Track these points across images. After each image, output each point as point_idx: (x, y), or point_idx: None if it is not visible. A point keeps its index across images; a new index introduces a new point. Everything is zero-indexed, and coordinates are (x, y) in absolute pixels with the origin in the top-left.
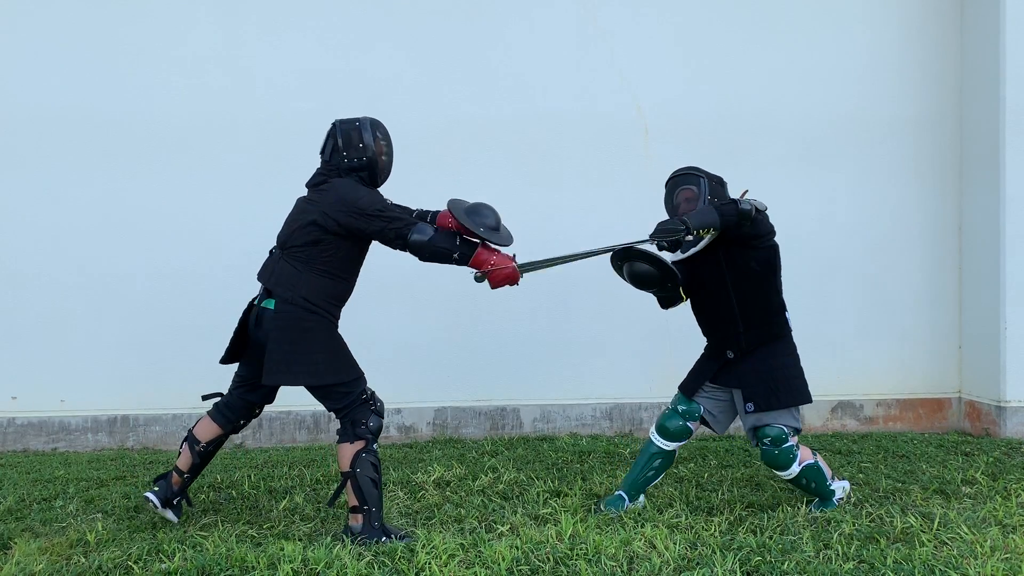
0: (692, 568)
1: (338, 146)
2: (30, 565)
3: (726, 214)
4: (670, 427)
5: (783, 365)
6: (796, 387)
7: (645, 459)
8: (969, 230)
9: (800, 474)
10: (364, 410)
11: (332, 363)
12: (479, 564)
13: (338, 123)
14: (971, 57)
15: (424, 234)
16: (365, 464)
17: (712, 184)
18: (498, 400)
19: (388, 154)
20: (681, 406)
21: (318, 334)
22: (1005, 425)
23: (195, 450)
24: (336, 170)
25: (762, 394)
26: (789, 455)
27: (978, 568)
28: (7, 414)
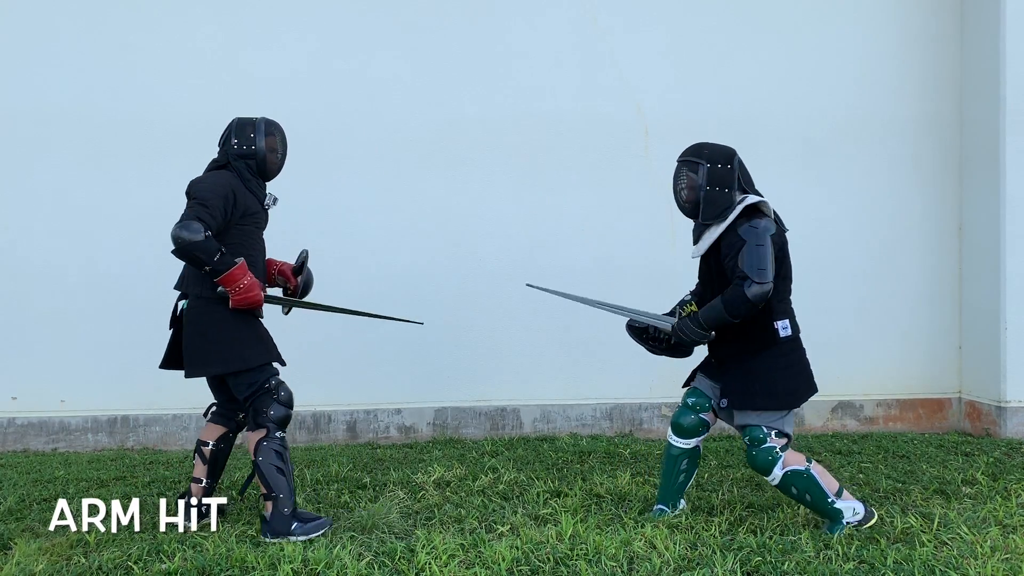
0: (692, 568)
1: (231, 136)
2: (30, 565)
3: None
4: (684, 423)
5: (767, 369)
6: (774, 391)
7: (670, 463)
8: (969, 230)
9: (785, 481)
10: (266, 399)
11: (240, 350)
12: (479, 564)
13: (236, 119)
14: (971, 57)
15: (193, 233)
16: (267, 452)
17: (714, 170)
18: (498, 400)
19: (279, 152)
20: (690, 399)
21: (227, 323)
22: (1005, 425)
23: (204, 452)
24: (226, 155)
25: (737, 392)
26: (768, 457)
27: (978, 568)
28: (7, 414)
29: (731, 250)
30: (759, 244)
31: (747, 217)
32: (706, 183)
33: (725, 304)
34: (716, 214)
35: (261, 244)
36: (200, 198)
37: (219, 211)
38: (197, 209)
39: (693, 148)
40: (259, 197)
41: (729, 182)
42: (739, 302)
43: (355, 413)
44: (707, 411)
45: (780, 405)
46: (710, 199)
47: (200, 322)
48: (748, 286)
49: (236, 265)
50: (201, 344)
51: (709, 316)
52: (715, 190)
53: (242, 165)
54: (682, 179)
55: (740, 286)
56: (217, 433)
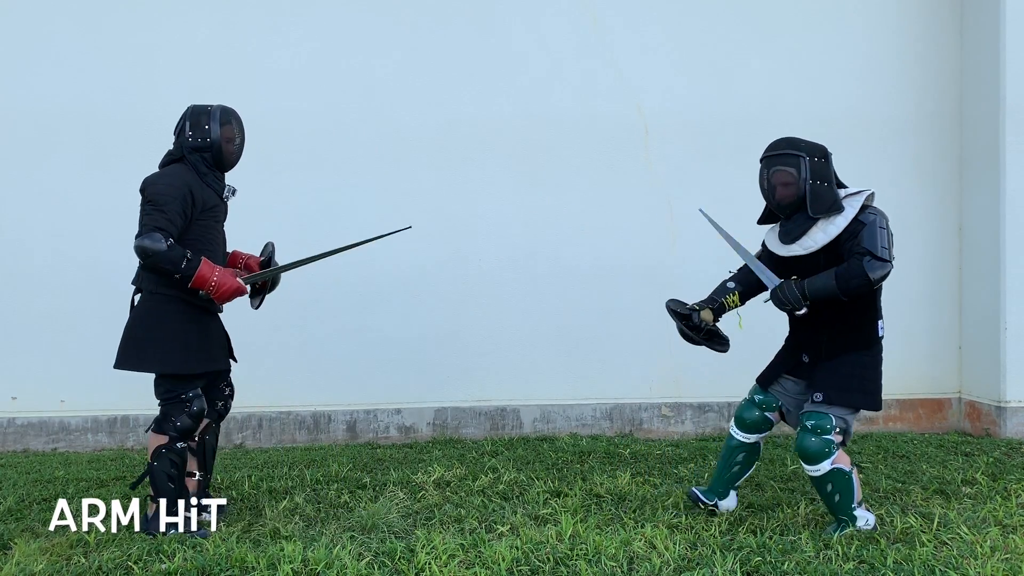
0: (692, 568)
1: (185, 126)
2: (30, 565)
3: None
4: (747, 418)
5: (863, 367)
6: (868, 390)
7: (727, 454)
8: (969, 230)
9: (828, 475)
10: (176, 408)
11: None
12: (479, 564)
13: (191, 108)
14: (971, 57)
15: (156, 243)
16: (164, 460)
17: (814, 163)
18: (498, 400)
19: (236, 142)
20: (758, 396)
21: (174, 322)
22: (1005, 425)
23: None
24: (180, 148)
25: (835, 387)
26: (824, 448)
27: (978, 568)
28: (7, 414)
29: (850, 236)
30: (881, 227)
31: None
32: (810, 176)
33: (838, 277)
34: (825, 208)
35: (221, 237)
36: (156, 202)
37: (177, 214)
38: (155, 217)
39: (786, 142)
40: (217, 190)
41: (829, 176)
42: (856, 276)
43: (355, 413)
44: (773, 411)
45: (873, 405)
46: (817, 193)
47: (147, 316)
48: (868, 262)
49: (199, 266)
50: (142, 339)
51: (816, 287)
52: (819, 184)
53: (197, 158)
54: (776, 175)
55: (859, 261)
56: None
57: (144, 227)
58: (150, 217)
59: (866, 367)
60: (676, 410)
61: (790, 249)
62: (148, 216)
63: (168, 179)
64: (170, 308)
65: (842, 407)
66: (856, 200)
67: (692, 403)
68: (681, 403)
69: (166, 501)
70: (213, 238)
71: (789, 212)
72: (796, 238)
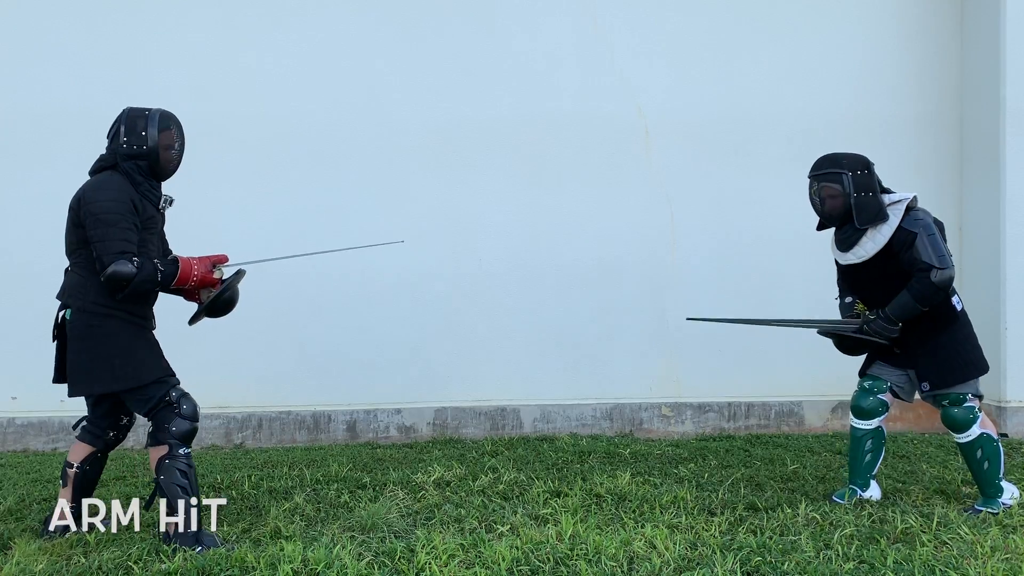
0: (692, 568)
1: (120, 132)
2: (30, 565)
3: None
4: (864, 405)
5: (954, 342)
6: (969, 360)
7: (855, 445)
8: (969, 230)
9: (978, 441)
10: (167, 414)
11: (128, 366)
12: (479, 564)
13: (127, 110)
14: (971, 57)
15: (125, 267)
16: (170, 471)
17: (857, 177)
18: (498, 400)
19: (176, 149)
20: (867, 382)
21: (115, 338)
22: (1005, 425)
23: (68, 474)
24: (114, 155)
25: (936, 372)
26: (969, 415)
27: (978, 568)
28: (7, 414)
29: (902, 246)
30: (930, 234)
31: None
32: (853, 190)
33: (915, 296)
34: (871, 218)
35: (156, 249)
36: (106, 221)
37: (131, 228)
38: (112, 241)
39: (829, 160)
40: (153, 200)
41: (873, 186)
42: (929, 291)
43: (355, 413)
44: (884, 392)
45: (978, 371)
46: (863, 205)
47: (85, 337)
48: (934, 275)
49: (178, 267)
50: (87, 361)
51: (900, 310)
52: (863, 195)
53: (132, 166)
54: (822, 190)
55: (926, 276)
56: (84, 453)
57: (106, 255)
58: (107, 243)
59: (957, 342)
60: (676, 410)
61: (846, 257)
62: (104, 242)
63: (108, 192)
64: (111, 323)
65: (950, 387)
66: (899, 208)
67: (692, 403)
68: (681, 403)
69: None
70: (147, 252)
71: (840, 223)
72: (850, 247)
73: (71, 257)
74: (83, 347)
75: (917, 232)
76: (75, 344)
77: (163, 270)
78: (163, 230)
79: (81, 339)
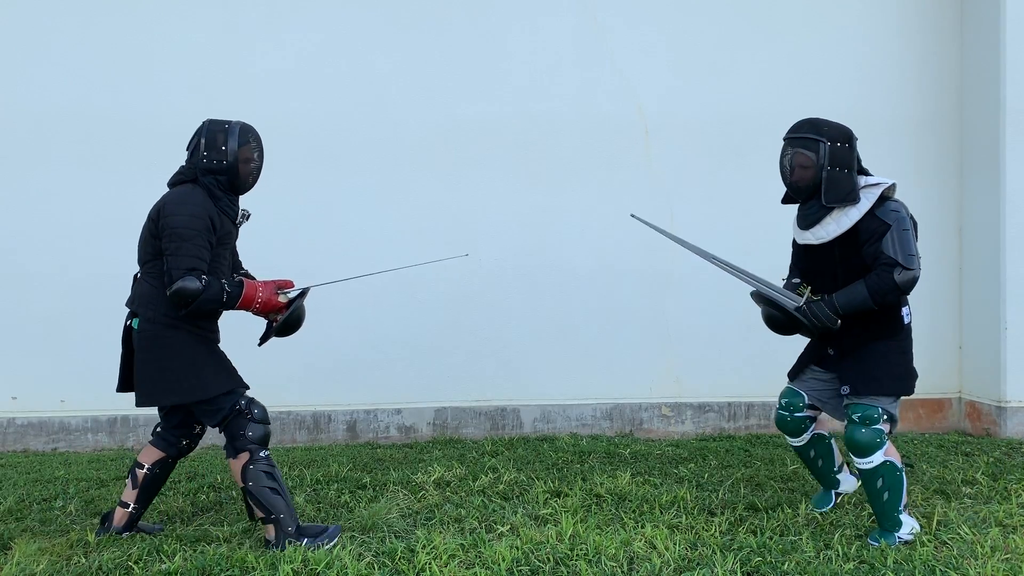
0: (692, 568)
1: (200, 145)
2: (30, 565)
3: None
4: (784, 427)
5: (887, 353)
6: (896, 374)
7: (802, 458)
8: (969, 230)
9: (880, 469)
10: (240, 422)
11: (197, 380)
12: (479, 564)
13: (207, 122)
14: (971, 57)
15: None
16: (256, 475)
17: (835, 148)
18: (498, 400)
19: (255, 162)
20: (784, 399)
21: (181, 350)
22: (1005, 425)
23: (137, 475)
24: (193, 168)
25: (860, 379)
26: (876, 438)
27: (978, 568)
28: (7, 414)
29: (871, 235)
30: (904, 229)
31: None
32: (828, 162)
33: (870, 289)
34: (841, 197)
35: (227, 263)
36: (182, 236)
37: (205, 248)
38: (184, 257)
39: (809, 123)
40: (231, 215)
41: (850, 163)
42: (887, 289)
43: (355, 413)
44: (802, 410)
45: (905, 389)
46: (833, 180)
47: (153, 348)
48: (898, 272)
49: (243, 292)
50: (155, 372)
51: (848, 302)
52: (836, 170)
53: (211, 181)
54: (795, 157)
55: (889, 272)
56: (155, 457)
57: (175, 269)
58: (179, 257)
59: (891, 353)
60: (676, 410)
61: (804, 236)
62: (176, 256)
63: (189, 208)
64: (179, 336)
65: (872, 396)
66: (873, 192)
67: (692, 403)
68: (681, 403)
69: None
70: (218, 267)
71: (805, 196)
72: (811, 225)
73: (144, 266)
74: (150, 358)
75: (890, 225)
76: (142, 355)
77: (229, 291)
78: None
79: (148, 350)
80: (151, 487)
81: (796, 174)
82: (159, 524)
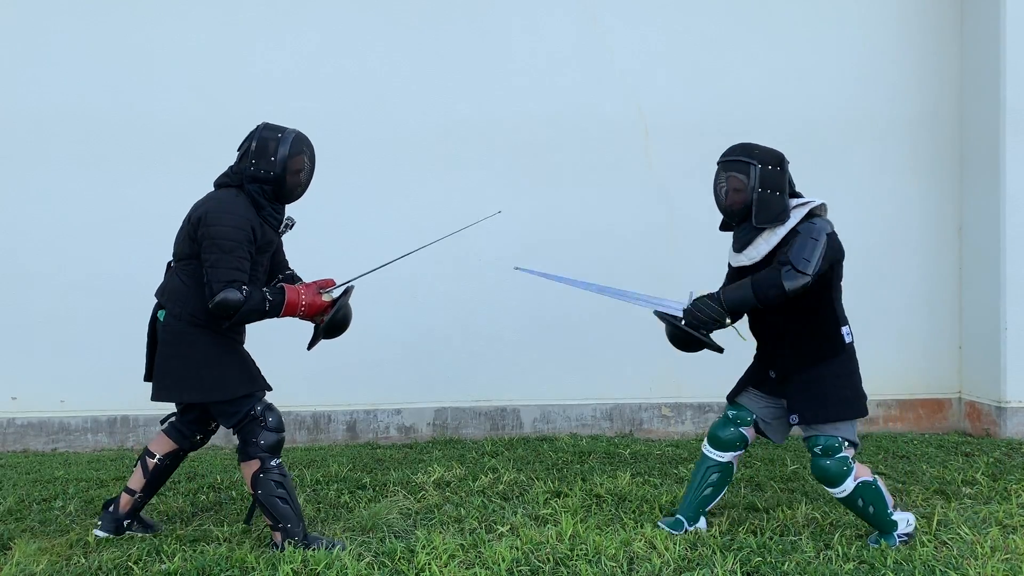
0: (692, 568)
1: (251, 150)
2: (30, 565)
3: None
4: (722, 436)
5: (832, 377)
6: (844, 398)
7: (700, 474)
8: (969, 230)
9: (856, 492)
10: (254, 428)
11: (217, 379)
12: (479, 565)
13: (262, 127)
14: (971, 57)
15: (234, 295)
16: (265, 484)
17: (765, 172)
18: (498, 400)
19: (305, 173)
20: (731, 411)
21: (204, 349)
22: (1005, 425)
23: (147, 464)
24: (239, 174)
25: (809, 407)
26: (843, 467)
27: (978, 568)
28: (7, 414)
29: (784, 244)
30: (813, 237)
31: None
32: (758, 185)
33: (755, 284)
34: (771, 218)
35: (266, 267)
36: (223, 248)
37: (245, 259)
38: (225, 269)
39: (740, 148)
40: (274, 225)
41: (781, 185)
42: (771, 286)
43: (355, 413)
44: (748, 426)
45: (855, 413)
46: (764, 202)
47: (176, 344)
48: (787, 272)
49: (285, 298)
50: (177, 367)
51: (733, 296)
52: (768, 192)
53: (256, 189)
54: (727, 180)
55: (778, 271)
56: (167, 448)
57: (217, 282)
58: (219, 270)
59: (838, 376)
60: (676, 410)
61: (738, 259)
62: (216, 268)
63: (231, 218)
64: (204, 335)
65: (821, 424)
66: (801, 211)
67: (692, 403)
68: (681, 403)
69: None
70: (256, 276)
71: (738, 219)
72: (743, 247)
73: (179, 262)
74: (173, 353)
75: (801, 232)
76: (165, 349)
77: (271, 299)
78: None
79: (172, 344)
80: (159, 478)
81: (730, 198)
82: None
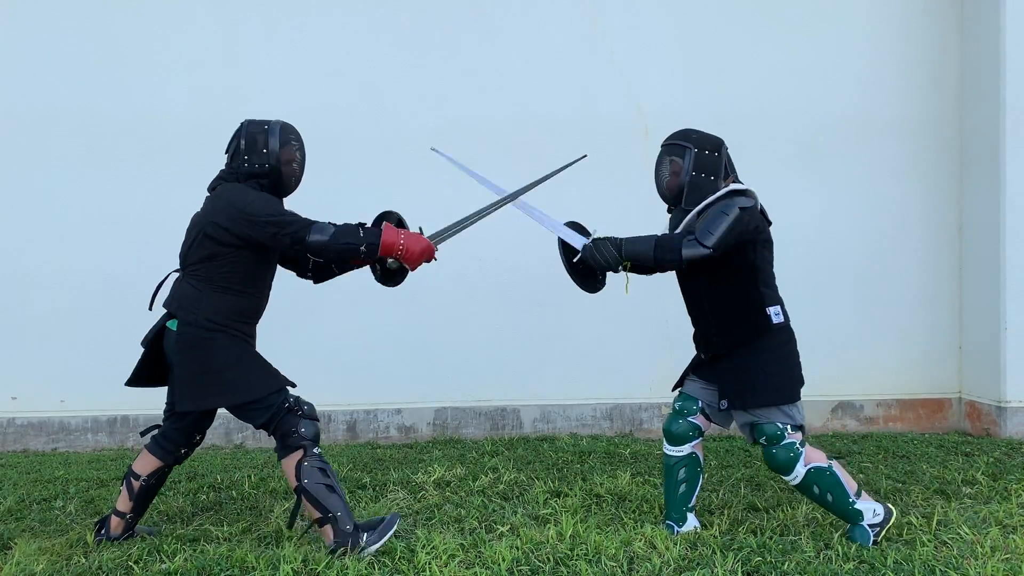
0: (692, 568)
1: (240, 148)
2: (30, 565)
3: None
4: (673, 430)
5: (765, 361)
6: (775, 384)
7: (669, 476)
8: (969, 230)
9: (808, 479)
10: (291, 419)
11: (242, 380)
12: (479, 564)
13: (246, 123)
14: (971, 57)
15: (324, 233)
16: (311, 472)
17: (701, 156)
18: (498, 400)
19: (298, 162)
20: (678, 403)
21: (224, 352)
22: (1005, 425)
23: (133, 486)
24: (234, 174)
25: (736, 391)
26: (789, 454)
27: (978, 568)
28: (7, 414)
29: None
30: (724, 212)
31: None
32: (692, 168)
33: (657, 243)
34: (700, 200)
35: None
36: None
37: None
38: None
39: (680, 132)
40: None
41: (715, 170)
42: (670, 250)
43: (355, 413)
44: (696, 415)
45: (785, 399)
46: (695, 185)
47: (194, 351)
48: (688, 241)
49: (381, 231)
50: (198, 375)
51: (633, 248)
52: (700, 176)
53: (254, 185)
54: (666, 164)
55: (680, 237)
56: (151, 467)
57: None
58: (288, 225)
59: (771, 360)
60: None
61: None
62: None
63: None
64: (220, 338)
65: (752, 409)
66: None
67: None
68: None
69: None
70: (263, 276)
71: (674, 202)
72: (672, 230)
73: (187, 268)
74: (191, 360)
75: (713, 206)
76: (183, 357)
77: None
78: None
79: (190, 352)
80: (146, 497)
81: (668, 181)
82: (156, 528)
